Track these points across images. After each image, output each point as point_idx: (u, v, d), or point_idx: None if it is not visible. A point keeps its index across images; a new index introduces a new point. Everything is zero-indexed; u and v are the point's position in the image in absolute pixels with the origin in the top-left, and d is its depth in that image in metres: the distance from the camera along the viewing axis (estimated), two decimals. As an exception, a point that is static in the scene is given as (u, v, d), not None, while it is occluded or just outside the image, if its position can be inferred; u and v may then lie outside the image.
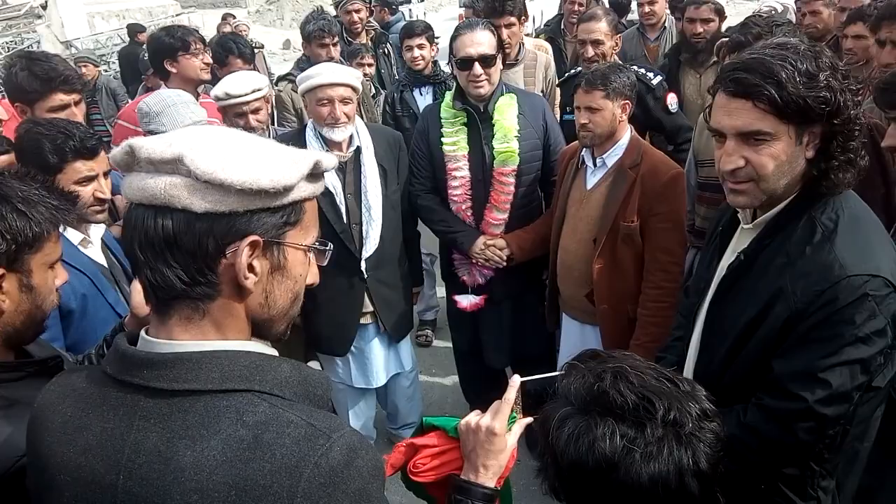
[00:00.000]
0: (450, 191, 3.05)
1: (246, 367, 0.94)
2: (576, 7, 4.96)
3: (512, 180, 2.96)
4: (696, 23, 3.81)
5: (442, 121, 3.02)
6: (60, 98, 2.64)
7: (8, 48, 14.26)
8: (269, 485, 0.86)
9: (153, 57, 3.54)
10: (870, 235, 1.50)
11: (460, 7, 18.34)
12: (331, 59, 4.19)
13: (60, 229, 1.39)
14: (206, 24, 22.67)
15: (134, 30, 10.08)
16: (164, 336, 0.96)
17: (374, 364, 3.14)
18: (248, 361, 0.96)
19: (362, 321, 3.06)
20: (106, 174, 2.06)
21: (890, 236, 1.62)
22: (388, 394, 3.35)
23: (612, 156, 2.70)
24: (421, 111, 3.78)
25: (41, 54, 2.90)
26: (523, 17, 3.94)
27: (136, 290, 1.38)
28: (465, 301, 3.17)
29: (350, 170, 2.87)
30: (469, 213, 3.04)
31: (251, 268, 0.95)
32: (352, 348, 3.08)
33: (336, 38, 4.52)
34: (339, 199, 2.84)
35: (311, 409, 0.95)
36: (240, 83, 3.03)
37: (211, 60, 3.61)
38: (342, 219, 2.86)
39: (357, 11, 5.17)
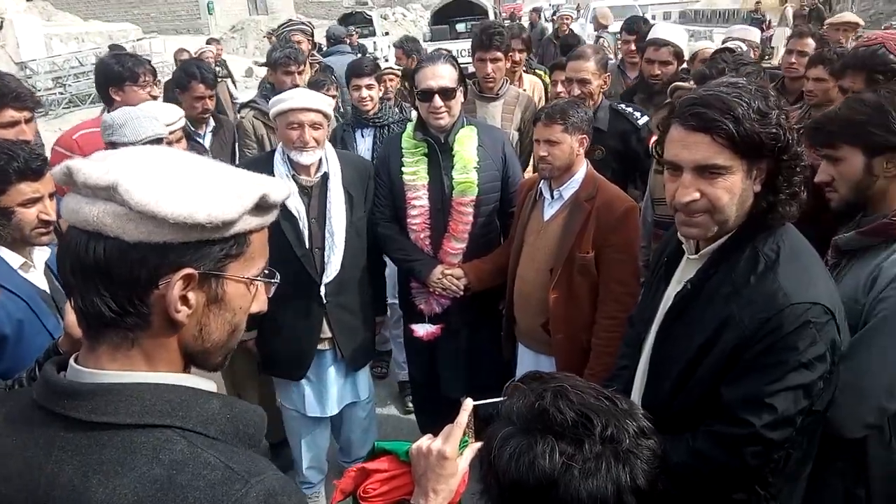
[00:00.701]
0: (409, 219, 3.07)
1: (169, 402, 0.91)
2: (631, 47, 4.99)
3: (471, 210, 3.00)
4: (654, 64, 3.86)
5: (403, 150, 3.06)
6: (11, 114, 2.62)
7: (-40, 67, 13.90)
8: None
9: (100, 82, 3.52)
10: (809, 266, 1.57)
11: (424, 42, 18.77)
12: (295, 87, 4.18)
13: None
14: (168, 48, 22.57)
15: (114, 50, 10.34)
16: (93, 365, 0.93)
17: (330, 392, 3.10)
18: (173, 396, 0.92)
19: (320, 347, 3.02)
20: (51, 195, 2.00)
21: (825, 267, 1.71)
22: (342, 424, 3.30)
23: (569, 188, 2.76)
24: (359, 153, 3.86)
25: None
26: (510, 53, 4.04)
27: (70, 310, 1.34)
28: (422, 330, 3.16)
29: (316, 194, 2.88)
30: (427, 242, 3.06)
31: (185, 300, 0.92)
32: (308, 375, 3.04)
33: (302, 67, 4.55)
34: (303, 223, 2.84)
35: (233, 449, 0.92)
36: (162, 113, 3.00)
37: (157, 93, 3.58)
38: (304, 243, 2.85)
39: (298, 42, 5.25)
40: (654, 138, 3.45)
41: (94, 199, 0.87)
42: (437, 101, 2.90)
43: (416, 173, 3.03)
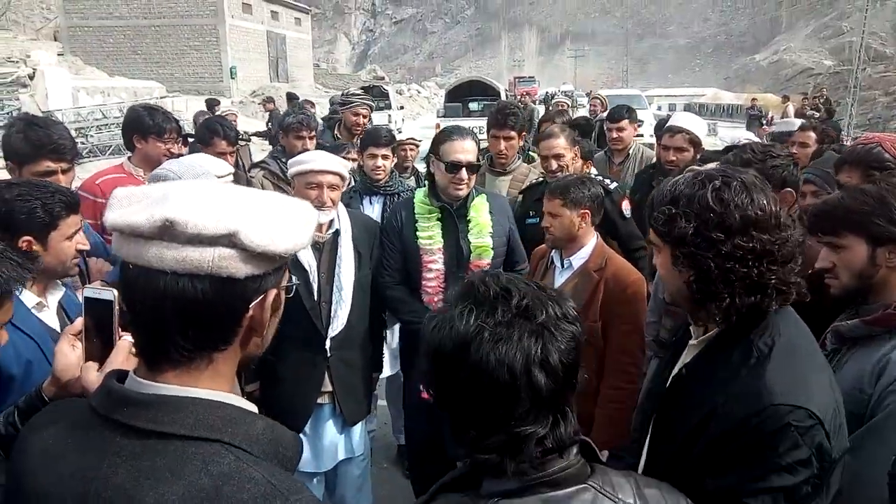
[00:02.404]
0: (424, 282, 3.15)
1: (220, 419, 0.97)
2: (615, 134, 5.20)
3: None
4: (669, 150, 3.92)
5: (417, 215, 3.18)
6: (47, 165, 2.68)
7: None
8: None
9: (126, 127, 3.62)
10: (803, 364, 1.50)
11: (437, 117, 19.37)
12: (306, 150, 4.25)
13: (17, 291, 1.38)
14: (189, 108, 23.27)
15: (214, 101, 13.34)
16: (152, 379, 1.00)
17: (325, 446, 3.10)
18: (224, 413, 0.98)
19: (319, 401, 3.03)
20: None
21: (826, 361, 1.67)
22: (336, 481, 3.28)
23: (579, 258, 2.87)
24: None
25: (41, 120, 2.96)
26: (523, 132, 4.22)
27: (63, 352, 1.36)
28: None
29: (327, 250, 2.97)
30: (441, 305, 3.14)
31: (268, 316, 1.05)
32: (304, 429, 3.05)
33: (313, 133, 4.72)
34: (313, 276, 2.91)
35: (275, 468, 0.97)
36: (212, 166, 3.14)
37: (178, 150, 3.66)
38: (313, 296, 2.92)
39: (364, 116, 5.38)
40: (624, 202, 3.59)
41: (199, 246, 0.93)
42: (464, 173, 3.08)
43: (431, 237, 3.14)
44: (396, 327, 4.01)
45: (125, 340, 1.28)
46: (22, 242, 1.87)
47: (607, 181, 3.71)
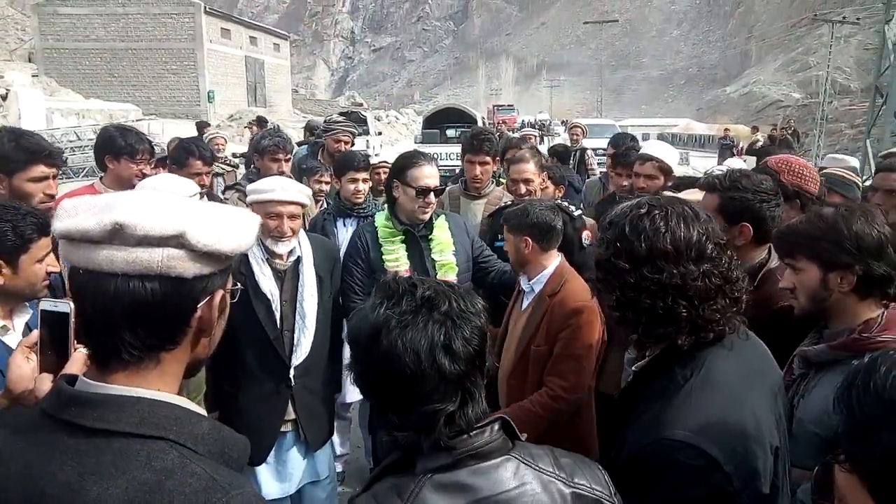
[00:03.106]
0: None
1: (166, 417, 0.99)
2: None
3: None
4: (640, 178, 3.94)
5: (381, 239, 3.24)
6: (41, 170, 2.73)
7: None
8: None
9: (99, 147, 3.58)
10: (717, 402, 1.42)
11: (415, 143, 19.51)
12: (281, 174, 4.26)
13: None
14: (166, 131, 23.16)
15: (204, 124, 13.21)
16: (101, 380, 1.01)
17: (288, 472, 3.03)
18: (170, 412, 1.00)
19: (282, 428, 2.97)
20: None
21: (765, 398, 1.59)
22: (302, 505, 3.21)
23: (538, 282, 2.90)
24: (339, 241, 3.88)
25: (27, 131, 3.04)
26: (497, 158, 4.30)
27: (17, 364, 1.37)
28: None
29: (289, 278, 2.93)
30: None
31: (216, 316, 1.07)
32: (267, 457, 2.99)
33: (288, 155, 4.71)
34: (276, 305, 2.87)
35: (219, 466, 0.99)
36: (178, 186, 3.13)
37: (150, 171, 3.62)
38: (276, 325, 2.88)
39: (346, 143, 5.40)
40: (584, 232, 3.62)
41: (149, 247, 0.96)
42: (432, 197, 3.18)
43: (398, 259, 3.19)
44: None
45: (80, 352, 1.29)
46: None
47: (572, 208, 3.77)
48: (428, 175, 3.17)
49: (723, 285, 1.47)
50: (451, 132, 19.82)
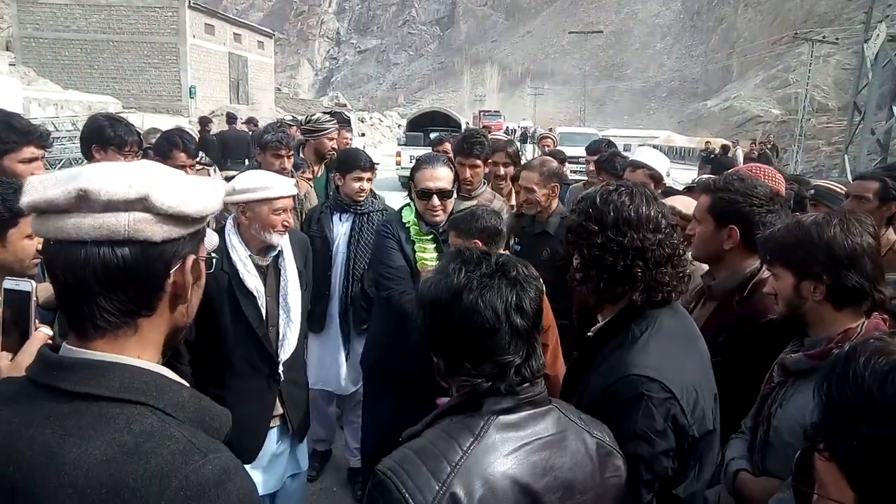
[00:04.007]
0: None
1: (146, 383, 1.01)
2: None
3: None
4: None
5: (414, 237, 3.25)
6: (32, 151, 2.73)
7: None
8: (139, 488, 0.91)
9: (86, 136, 3.54)
10: (671, 348, 1.65)
11: (398, 145, 19.50)
12: (283, 170, 4.33)
13: None
14: (145, 124, 22.88)
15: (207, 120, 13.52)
16: (82, 346, 1.03)
17: (276, 466, 3.01)
18: (150, 379, 1.02)
19: (271, 424, 2.96)
20: None
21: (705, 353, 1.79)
22: (279, 498, 3.16)
23: None
24: (335, 235, 3.95)
25: (14, 113, 3.00)
26: (496, 167, 4.34)
27: None
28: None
29: (271, 273, 2.90)
30: None
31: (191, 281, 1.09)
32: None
33: (291, 151, 4.67)
34: (262, 301, 2.83)
35: (198, 431, 1.01)
36: None
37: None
38: (263, 322, 2.84)
39: (337, 141, 5.38)
40: None
41: (115, 212, 0.98)
42: (435, 200, 3.15)
43: (434, 259, 3.21)
44: (358, 344, 3.99)
45: (41, 331, 1.34)
46: None
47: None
48: (429, 177, 3.17)
49: (672, 256, 1.72)
50: (434, 136, 19.84)
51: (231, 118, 16.11)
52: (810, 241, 1.83)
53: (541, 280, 1.42)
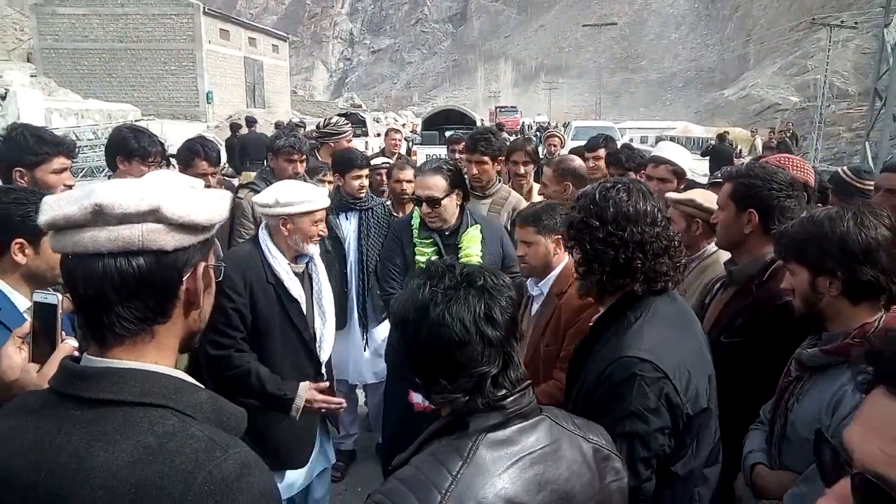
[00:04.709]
0: None
1: (165, 387, 1.07)
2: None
3: None
4: (653, 180, 3.86)
5: (415, 240, 3.34)
6: (62, 161, 2.83)
7: (-43, 132, 14.20)
8: (165, 486, 0.97)
9: (111, 147, 3.59)
10: (665, 333, 1.73)
11: (414, 145, 19.54)
12: (296, 174, 4.38)
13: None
14: (165, 132, 23.15)
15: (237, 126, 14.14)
16: (102, 355, 1.09)
17: (312, 462, 3.06)
18: (169, 383, 1.09)
19: None
20: None
21: (700, 339, 1.88)
22: (308, 494, 3.22)
23: (546, 284, 2.86)
24: (345, 233, 4.07)
25: (42, 127, 3.18)
26: (499, 157, 4.32)
27: (7, 354, 1.42)
28: (418, 399, 3.09)
29: (305, 279, 2.97)
30: None
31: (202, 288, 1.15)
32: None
33: (304, 156, 4.70)
34: (304, 307, 2.89)
35: (216, 429, 1.06)
36: (170, 180, 3.14)
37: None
38: (309, 327, 2.92)
39: (349, 143, 5.58)
40: None
41: (129, 224, 1.04)
42: (425, 208, 3.22)
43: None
44: (377, 330, 4.08)
45: (67, 343, 1.38)
46: (15, 244, 1.93)
47: None
48: (420, 185, 3.26)
49: (669, 247, 1.82)
50: (449, 134, 19.85)
51: (250, 121, 16.32)
52: (823, 235, 1.82)
53: (513, 288, 1.41)
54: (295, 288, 2.83)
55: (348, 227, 4.15)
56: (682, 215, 2.99)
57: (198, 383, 1.14)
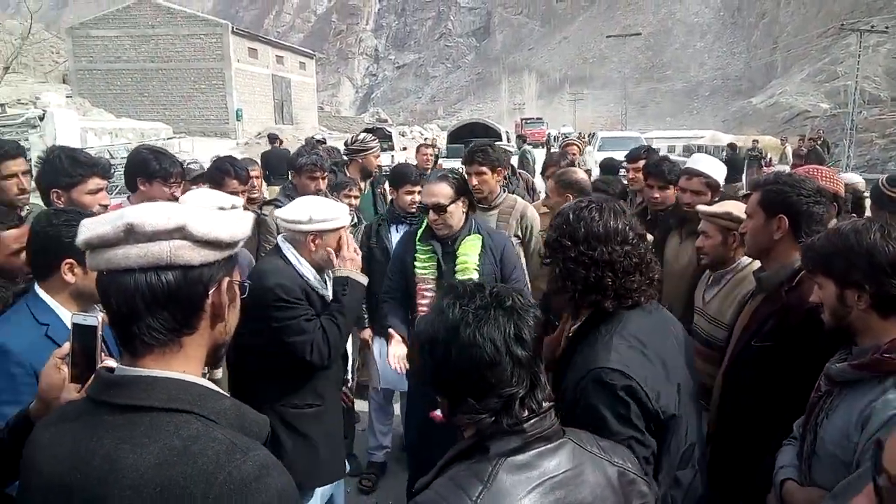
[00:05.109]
0: (419, 306, 3.37)
1: (191, 394, 1.14)
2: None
3: None
4: (685, 192, 3.79)
5: (417, 248, 3.40)
6: (96, 182, 2.92)
7: (-3, 153, 14.67)
8: (187, 486, 1.03)
9: (131, 168, 3.57)
10: (634, 341, 1.80)
11: (440, 158, 19.69)
12: (318, 191, 4.42)
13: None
14: (196, 149, 23.59)
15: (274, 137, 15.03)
16: (133, 365, 1.16)
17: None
18: (194, 390, 1.15)
19: None
20: None
21: (665, 347, 1.90)
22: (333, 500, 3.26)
23: None
24: (393, 246, 4.07)
25: (77, 148, 3.28)
26: (500, 168, 4.32)
27: (48, 374, 1.47)
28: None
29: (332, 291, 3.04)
30: None
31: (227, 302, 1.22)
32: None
33: (325, 173, 4.77)
34: None
35: (238, 433, 1.12)
36: (207, 199, 3.18)
37: (179, 194, 3.60)
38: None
39: (377, 158, 5.76)
40: None
41: (158, 241, 1.11)
42: (432, 215, 3.28)
43: (426, 269, 3.36)
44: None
45: (107, 363, 1.40)
46: (65, 264, 1.99)
47: None
48: (427, 193, 3.34)
49: (640, 264, 1.88)
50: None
51: (272, 138, 16.70)
52: (850, 248, 1.79)
53: (538, 308, 1.41)
54: (327, 295, 2.91)
55: (396, 238, 4.19)
56: (718, 228, 2.97)
57: (222, 391, 1.20)
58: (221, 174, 4.22)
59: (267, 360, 2.76)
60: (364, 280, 2.93)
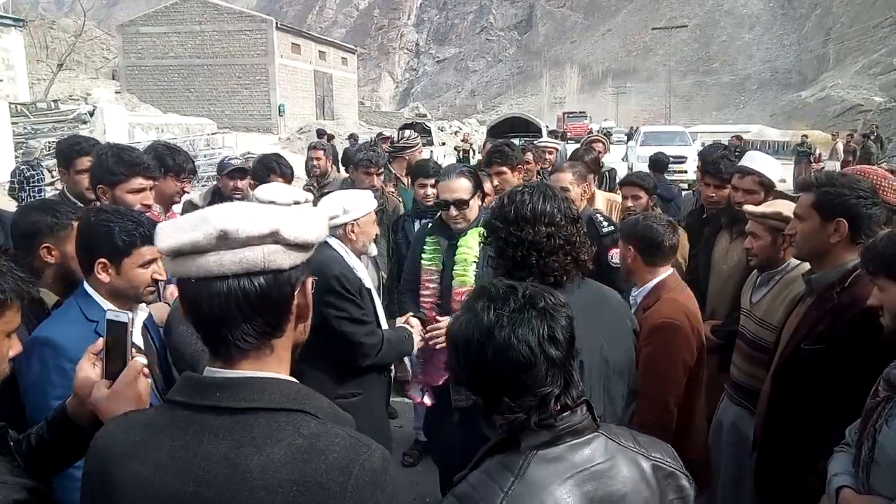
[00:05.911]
0: (421, 298, 3.47)
1: (297, 393, 1.15)
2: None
3: None
4: (738, 192, 3.66)
5: (427, 240, 3.52)
6: (140, 182, 2.96)
7: (49, 147, 15.22)
8: (325, 482, 1.04)
9: None
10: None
11: (479, 152, 19.66)
12: (373, 187, 4.66)
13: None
14: (239, 144, 24.01)
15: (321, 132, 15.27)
16: (229, 368, 1.15)
17: None
18: (296, 388, 1.16)
19: None
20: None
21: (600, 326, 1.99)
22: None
23: (640, 296, 2.81)
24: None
25: (126, 145, 3.33)
26: (520, 166, 4.44)
27: (83, 370, 1.46)
28: (419, 397, 3.42)
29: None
30: (435, 318, 3.38)
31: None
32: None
33: (381, 169, 5.01)
34: (379, 305, 3.05)
35: (349, 428, 1.15)
36: (283, 193, 3.26)
37: (190, 188, 3.85)
38: (381, 324, 3.06)
39: (421, 154, 5.96)
40: (613, 251, 3.45)
41: (251, 247, 1.10)
42: (453, 210, 3.33)
43: (432, 261, 3.46)
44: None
45: (137, 360, 1.44)
46: (98, 264, 2.03)
47: (604, 223, 3.75)
48: (445, 189, 3.40)
49: (564, 245, 2.01)
50: (515, 142, 19.84)
51: (320, 133, 17.08)
52: None
53: (569, 307, 1.43)
54: (370, 282, 2.99)
55: None
56: (767, 229, 2.88)
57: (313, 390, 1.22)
58: (267, 171, 4.38)
59: (310, 351, 2.79)
60: (414, 348, 3.10)
